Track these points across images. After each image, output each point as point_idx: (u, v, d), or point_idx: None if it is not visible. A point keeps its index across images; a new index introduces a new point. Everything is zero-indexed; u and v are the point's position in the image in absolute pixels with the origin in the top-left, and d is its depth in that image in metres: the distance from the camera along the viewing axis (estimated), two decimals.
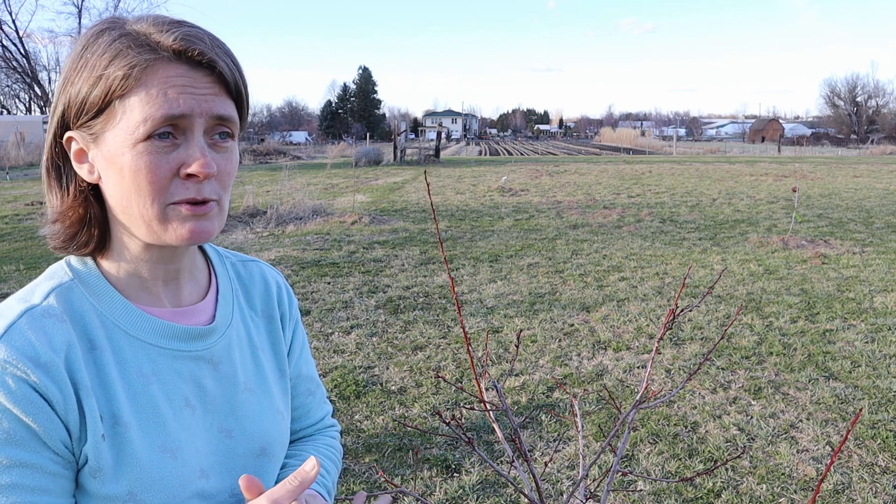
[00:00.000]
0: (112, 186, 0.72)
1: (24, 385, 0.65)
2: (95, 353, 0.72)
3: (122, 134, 0.69)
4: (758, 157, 33.13)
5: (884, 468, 3.06)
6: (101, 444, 0.69)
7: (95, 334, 0.72)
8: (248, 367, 0.86)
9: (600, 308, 5.60)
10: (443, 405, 3.74)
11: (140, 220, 0.72)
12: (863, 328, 5.02)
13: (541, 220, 10.66)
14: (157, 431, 0.74)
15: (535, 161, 30.41)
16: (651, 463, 3.13)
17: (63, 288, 0.73)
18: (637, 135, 73.08)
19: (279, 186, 12.26)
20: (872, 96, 73.56)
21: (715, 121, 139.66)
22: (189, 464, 0.75)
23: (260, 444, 0.84)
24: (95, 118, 0.70)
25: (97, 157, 0.72)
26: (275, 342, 0.92)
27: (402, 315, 5.40)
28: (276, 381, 0.90)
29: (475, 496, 2.86)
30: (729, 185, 16.33)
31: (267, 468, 0.85)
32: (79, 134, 0.72)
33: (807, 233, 9.17)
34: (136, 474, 0.71)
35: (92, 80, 0.69)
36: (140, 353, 0.75)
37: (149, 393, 0.74)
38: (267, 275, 0.96)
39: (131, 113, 0.68)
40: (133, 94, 0.68)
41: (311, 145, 55.55)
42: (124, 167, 0.69)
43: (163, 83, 0.68)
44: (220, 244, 8.66)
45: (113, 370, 0.72)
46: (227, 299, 0.87)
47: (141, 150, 0.69)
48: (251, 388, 0.85)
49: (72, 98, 0.70)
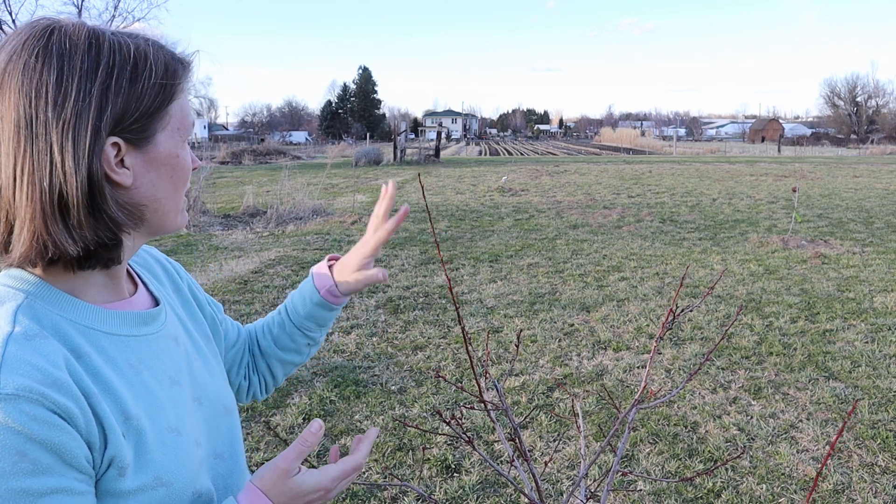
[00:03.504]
0: (150, 186, 0.76)
1: (41, 410, 0.64)
2: (84, 359, 0.72)
3: (173, 135, 0.77)
4: (758, 157, 33.13)
5: (884, 468, 3.06)
6: (123, 442, 0.71)
7: (76, 342, 0.73)
8: (186, 339, 0.91)
9: (600, 308, 5.60)
10: (443, 405, 3.74)
11: (171, 213, 0.79)
12: (863, 328, 5.02)
13: (541, 220, 10.66)
14: (160, 415, 0.77)
15: (535, 161, 30.41)
16: (651, 463, 3.13)
17: (24, 307, 0.71)
18: (637, 135, 73.13)
19: (279, 186, 12.25)
20: (872, 96, 73.59)
21: (715, 121, 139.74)
22: (189, 437, 0.80)
23: (222, 403, 0.91)
24: (150, 122, 0.74)
25: (136, 161, 0.74)
26: (191, 312, 0.97)
27: (402, 315, 5.40)
28: (206, 345, 0.96)
29: (475, 496, 2.86)
30: (729, 185, 16.33)
31: (234, 423, 0.93)
32: (122, 138, 0.72)
33: (807, 233, 9.17)
34: (157, 459, 0.74)
35: (155, 87, 0.74)
36: (122, 346, 0.77)
37: (142, 381, 0.77)
38: (155, 255, 1.00)
39: (179, 116, 0.77)
40: (179, 99, 0.77)
41: (311, 145, 55.61)
42: (177, 164, 0.77)
43: (187, 94, 0.80)
44: (221, 244, 8.68)
45: (106, 371, 0.74)
46: (149, 280, 0.92)
47: (187, 150, 0.80)
48: (195, 357, 0.90)
49: (127, 101, 0.71)
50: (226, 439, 0.89)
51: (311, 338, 1.11)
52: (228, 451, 0.89)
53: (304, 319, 1.08)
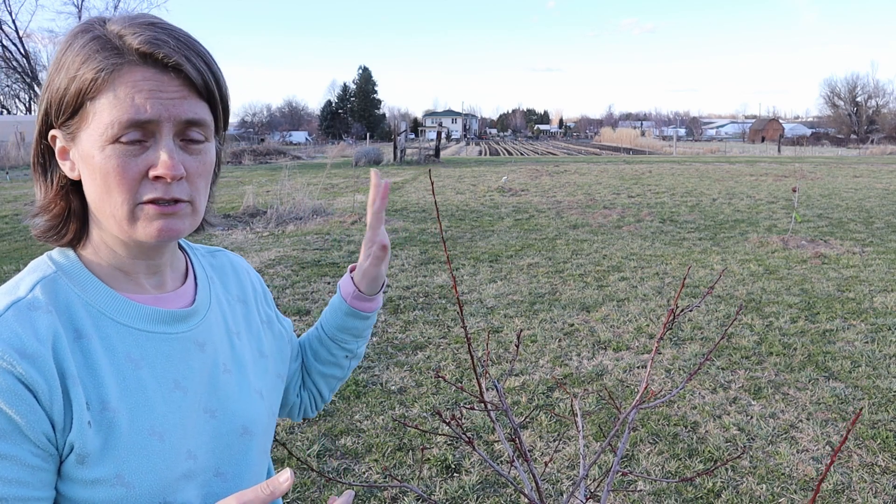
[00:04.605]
0: (88, 184, 0.74)
1: (8, 376, 0.65)
2: (83, 341, 0.73)
3: (93, 135, 0.71)
4: (758, 157, 33.12)
5: (884, 468, 3.06)
6: (87, 430, 0.70)
7: (82, 323, 0.73)
8: (226, 349, 0.87)
9: (600, 308, 5.60)
10: (443, 405, 3.74)
11: (112, 219, 0.74)
12: (863, 328, 5.02)
13: (541, 220, 10.66)
14: (145, 415, 0.75)
15: (535, 161, 30.41)
16: (651, 463, 3.13)
17: (47, 280, 0.75)
18: (637, 135, 73.11)
19: (279, 186, 12.25)
20: (872, 96, 73.55)
21: (715, 121, 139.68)
22: (176, 446, 0.76)
23: (242, 422, 0.86)
24: (71, 118, 0.73)
25: (76, 156, 0.74)
26: (250, 324, 0.95)
27: (402, 315, 5.40)
28: (254, 362, 0.92)
29: (475, 496, 2.86)
30: (729, 185, 16.33)
31: (250, 446, 0.87)
32: (60, 132, 0.75)
33: (807, 233, 9.17)
34: (124, 457, 0.72)
35: (66, 82, 0.72)
36: (128, 338, 0.76)
37: (138, 377, 0.75)
38: (235, 261, 1.00)
39: (100, 115, 0.70)
40: (102, 96, 0.70)
41: (311, 145, 55.57)
42: (95, 168, 0.72)
43: (130, 87, 0.70)
44: (221, 243, 8.67)
45: (101, 357, 0.73)
46: (204, 284, 0.90)
47: (109, 153, 0.71)
48: (229, 370, 0.87)
49: (52, 97, 0.73)
50: (235, 460, 0.85)
51: (349, 349, 1.09)
52: (233, 472, 0.84)
53: (338, 331, 1.07)
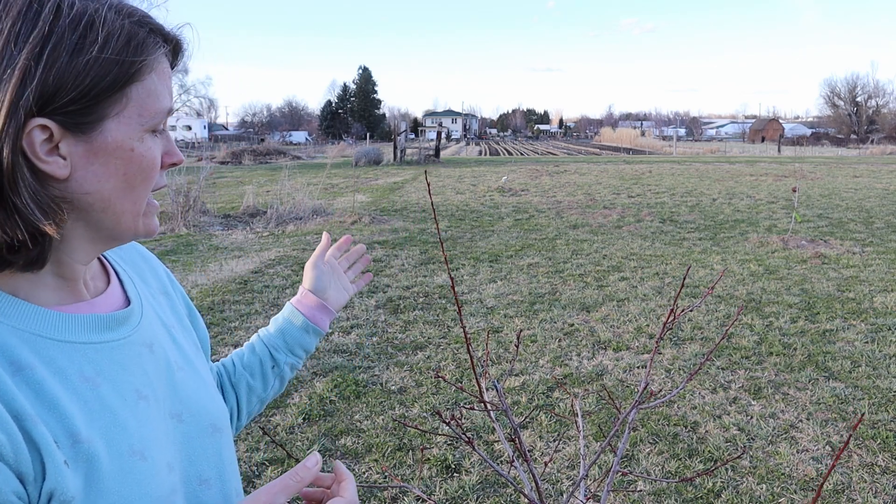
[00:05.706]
0: (95, 180, 0.63)
1: None
2: (25, 372, 0.61)
3: (130, 123, 0.64)
4: (758, 157, 33.13)
5: (884, 468, 3.06)
6: (66, 471, 0.59)
7: (16, 353, 0.61)
8: (170, 346, 0.79)
9: (600, 308, 5.60)
10: (443, 405, 3.74)
11: (126, 215, 0.67)
12: (863, 328, 5.02)
13: (541, 220, 10.66)
14: (120, 436, 0.65)
15: (535, 161, 30.41)
16: (651, 463, 3.13)
17: None
18: (637, 135, 73.16)
19: (279, 186, 12.25)
20: (872, 96, 73.59)
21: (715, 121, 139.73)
22: (157, 461, 0.68)
23: (209, 420, 0.79)
24: (96, 104, 0.61)
25: (76, 149, 0.62)
26: (179, 317, 0.87)
27: (402, 315, 5.40)
28: (195, 354, 0.85)
29: (475, 496, 2.86)
30: (729, 185, 16.33)
31: (221, 444, 0.80)
32: (54, 121, 0.60)
33: (807, 233, 9.17)
34: (112, 488, 0.63)
35: (96, 61, 0.60)
36: (76, 356, 0.65)
37: (99, 396, 0.65)
38: (142, 252, 0.89)
39: (143, 102, 0.64)
40: (145, 81, 0.64)
41: (311, 145, 55.62)
42: (131, 159, 0.64)
43: (163, 76, 0.67)
44: (221, 244, 8.67)
45: (53, 385, 0.62)
46: (127, 279, 0.80)
47: (150, 144, 0.66)
48: (181, 367, 0.79)
49: (62, 76, 0.58)
50: (213, 462, 0.77)
51: (275, 360, 1.06)
52: (216, 475, 0.77)
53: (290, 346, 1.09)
